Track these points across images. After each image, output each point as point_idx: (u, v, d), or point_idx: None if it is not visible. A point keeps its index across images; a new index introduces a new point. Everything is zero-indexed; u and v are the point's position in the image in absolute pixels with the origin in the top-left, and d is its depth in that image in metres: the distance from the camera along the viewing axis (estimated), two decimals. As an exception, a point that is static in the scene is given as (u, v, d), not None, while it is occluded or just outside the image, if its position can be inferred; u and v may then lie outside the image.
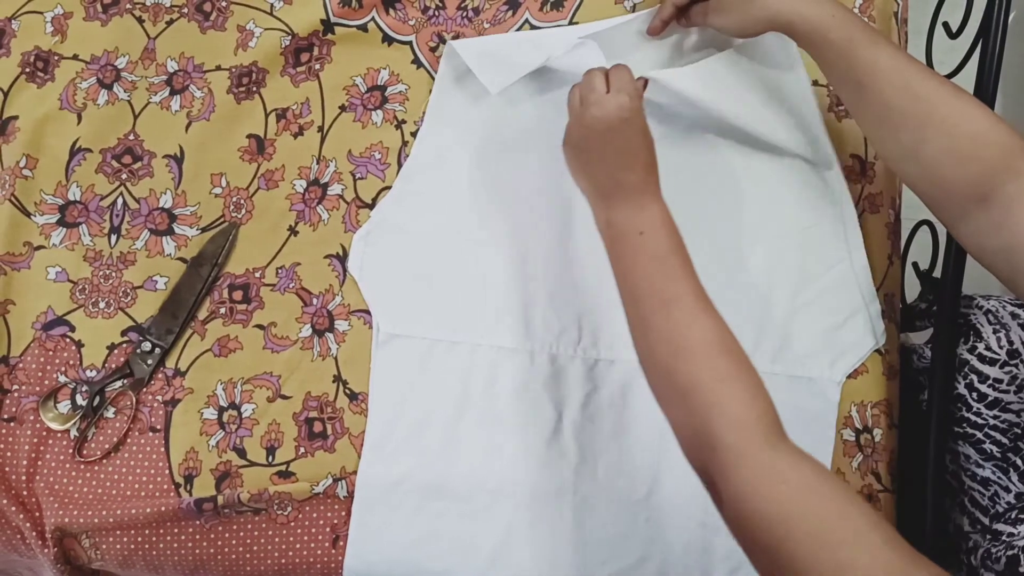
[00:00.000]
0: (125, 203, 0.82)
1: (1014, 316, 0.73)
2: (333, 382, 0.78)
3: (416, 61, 0.84)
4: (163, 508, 0.73)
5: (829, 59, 0.67)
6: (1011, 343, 0.71)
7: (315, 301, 0.79)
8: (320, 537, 0.75)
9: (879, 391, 0.78)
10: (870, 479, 0.76)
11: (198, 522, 0.74)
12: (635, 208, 0.64)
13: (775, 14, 0.68)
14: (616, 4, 0.84)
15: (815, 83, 0.81)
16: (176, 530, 0.74)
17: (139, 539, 0.74)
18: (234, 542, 0.74)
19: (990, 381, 0.71)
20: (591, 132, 0.66)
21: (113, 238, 0.81)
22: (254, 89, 0.84)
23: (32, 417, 0.77)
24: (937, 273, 0.82)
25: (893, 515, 0.76)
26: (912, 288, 0.86)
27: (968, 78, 0.77)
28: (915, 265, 0.88)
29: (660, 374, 0.59)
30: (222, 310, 0.79)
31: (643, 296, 0.61)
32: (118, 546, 0.74)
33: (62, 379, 0.78)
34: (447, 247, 0.79)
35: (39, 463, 0.76)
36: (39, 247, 0.80)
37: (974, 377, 0.72)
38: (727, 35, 0.76)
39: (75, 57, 0.84)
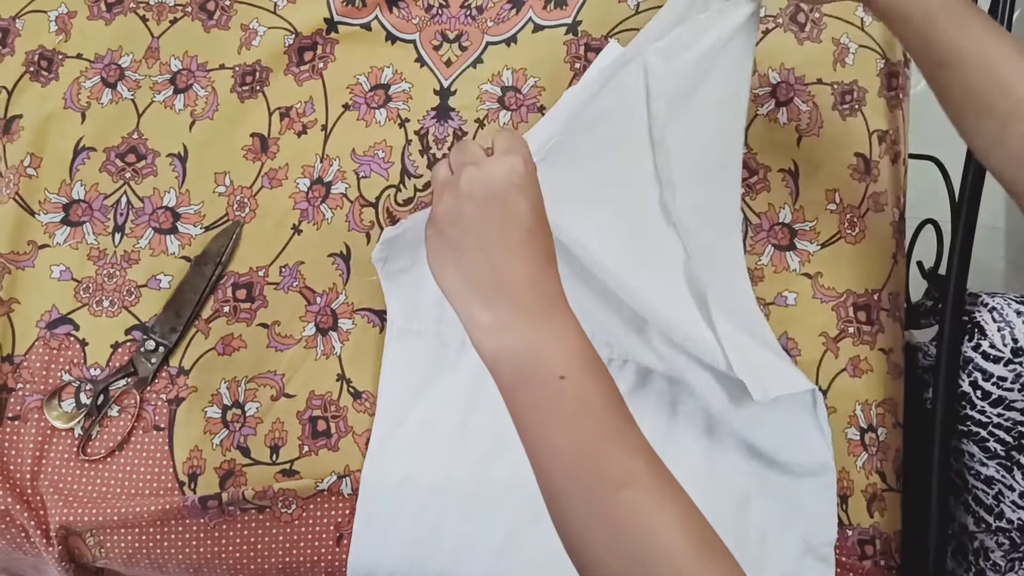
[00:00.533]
0: (129, 202, 0.82)
1: (1019, 313, 0.73)
2: (337, 380, 0.78)
3: (419, 60, 0.84)
4: (167, 506, 0.73)
5: (905, 36, 0.61)
6: (1016, 340, 0.71)
7: (319, 300, 0.79)
8: (324, 535, 0.75)
9: (884, 390, 0.78)
10: (875, 478, 0.76)
11: (202, 520, 0.74)
12: (537, 325, 0.47)
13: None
14: (619, 3, 0.83)
15: (819, 81, 0.81)
16: (180, 528, 0.74)
17: (143, 537, 0.74)
18: (238, 540, 0.74)
19: (994, 379, 0.71)
20: (466, 203, 0.49)
21: (117, 237, 0.81)
22: (258, 88, 0.84)
23: (36, 415, 0.77)
24: (942, 271, 0.82)
25: (899, 514, 0.76)
26: (916, 288, 0.86)
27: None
28: (920, 264, 0.88)
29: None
30: (226, 309, 0.79)
31: (579, 477, 0.44)
32: (122, 544, 0.74)
33: (66, 377, 0.78)
34: None
35: (43, 461, 0.76)
36: (43, 246, 0.81)
37: (978, 375, 0.72)
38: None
39: (79, 56, 0.84)
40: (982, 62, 0.56)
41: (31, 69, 0.84)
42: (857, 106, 0.83)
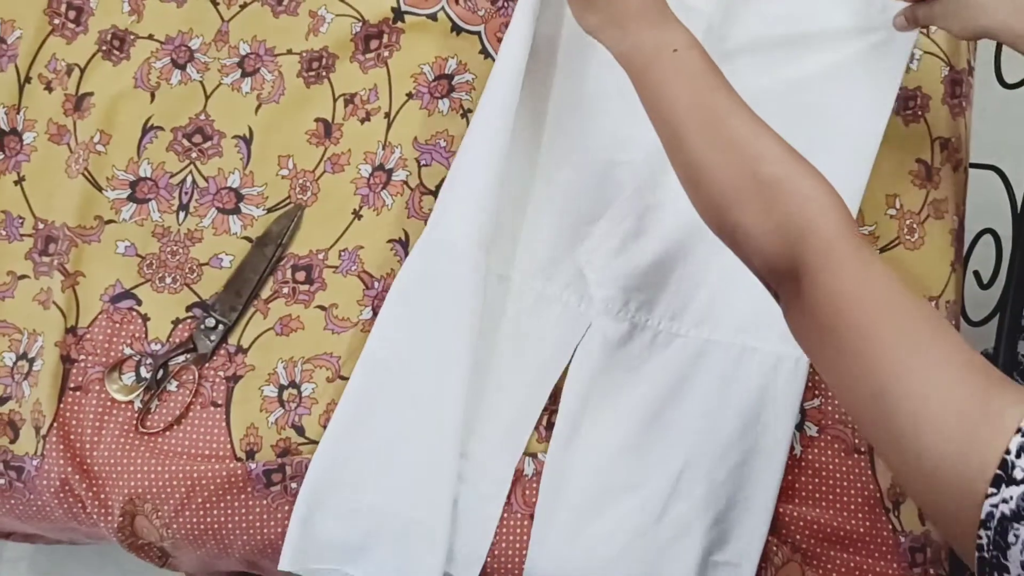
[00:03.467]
0: (194, 181, 0.83)
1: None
2: (392, 365, 0.78)
3: (484, 51, 0.84)
4: (231, 475, 0.74)
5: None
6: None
7: (376, 284, 0.80)
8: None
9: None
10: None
11: (265, 501, 0.75)
12: (659, 29, 0.61)
13: (986, 27, 0.69)
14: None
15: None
16: (244, 510, 0.75)
17: (208, 519, 0.75)
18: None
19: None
20: None
21: (181, 215, 0.82)
22: (323, 74, 0.85)
23: (97, 387, 0.78)
24: (1000, 282, 0.81)
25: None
26: (970, 297, 0.86)
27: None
28: (976, 274, 0.88)
29: (731, 178, 0.55)
30: (285, 290, 0.80)
31: (692, 110, 0.57)
32: (188, 525, 0.75)
33: (127, 351, 0.79)
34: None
35: (103, 432, 0.77)
36: (109, 221, 0.82)
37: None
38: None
39: (150, 37, 0.86)
40: None
41: (103, 48, 0.86)
42: (920, 112, 0.83)
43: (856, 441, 0.76)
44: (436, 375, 0.73)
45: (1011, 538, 0.39)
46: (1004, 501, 0.39)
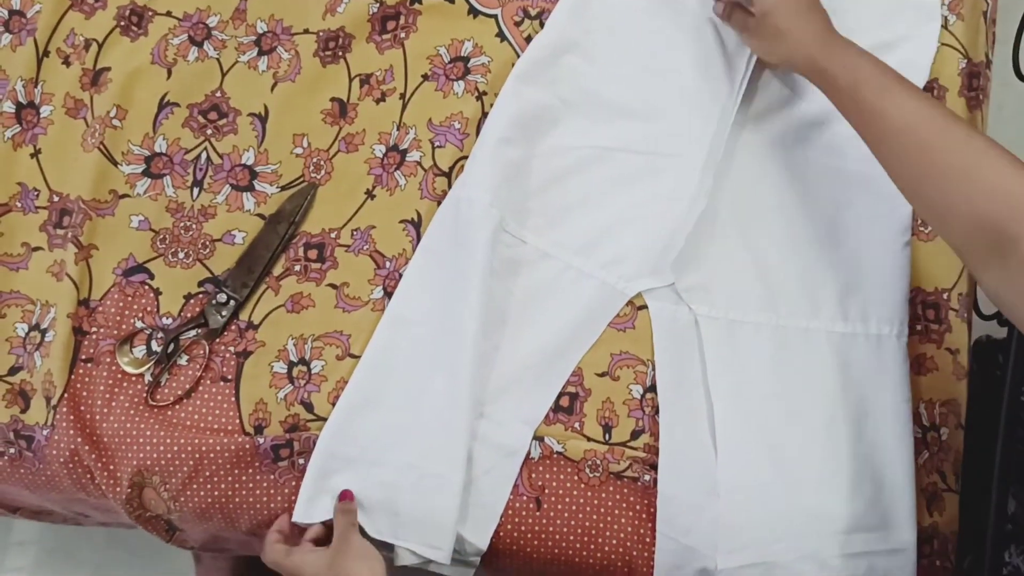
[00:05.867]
0: (209, 158, 0.83)
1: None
2: (402, 344, 0.78)
3: (500, 34, 0.84)
4: (236, 448, 0.74)
5: (839, 104, 0.70)
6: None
7: (388, 264, 0.80)
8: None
9: (948, 390, 0.77)
10: (935, 477, 0.76)
11: (272, 476, 0.75)
12: (855, 51, 0.69)
13: (789, 58, 0.74)
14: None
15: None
16: (251, 484, 0.75)
17: (216, 492, 0.75)
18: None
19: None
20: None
21: (195, 191, 0.83)
22: (340, 54, 0.85)
23: (108, 359, 0.78)
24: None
25: (956, 515, 0.75)
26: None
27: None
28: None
29: (954, 166, 0.62)
30: (297, 267, 0.81)
31: (921, 121, 0.64)
32: (196, 499, 0.75)
33: (139, 324, 0.80)
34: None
35: (113, 404, 0.78)
36: (124, 195, 0.83)
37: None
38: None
39: (168, 14, 0.86)
40: (904, 126, 0.65)
41: (122, 23, 0.86)
42: (936, 104, 0.83)
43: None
44: (453, 331, 0.74)
45: None
46: None
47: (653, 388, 0.77)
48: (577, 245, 0.79)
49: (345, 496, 0.71)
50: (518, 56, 0.83)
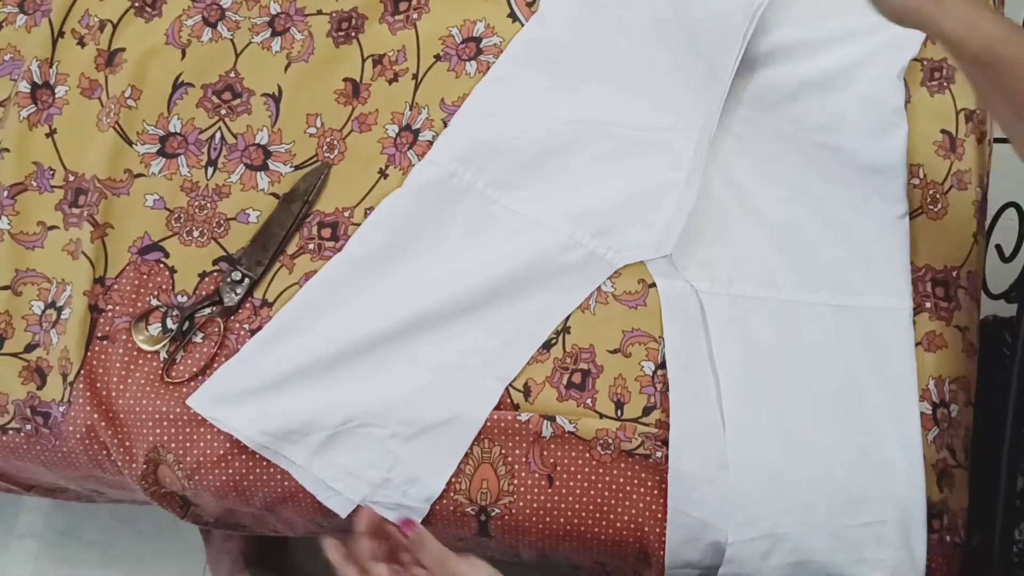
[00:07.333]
0: (223, 138, 0.84)
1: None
2: (415, 322, 0.79)
3: (512, 15, 0.85)
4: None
5: (968, 72, 0.67)
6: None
7: (401, 243, 0.81)
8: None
9: (958, 367, 0.78)
10: (945, 453, 0.76)
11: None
12: (999, 22, 0.64)
13: (910, 11, 0.66)
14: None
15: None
16: (264, 462, 0.76)
17: (230, 471, 0.76)
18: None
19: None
20: None
21: (210, 170, 0.83)
22: (353, 34, 0.86)
23: (124, 337, 0.79)
24: (1022, 256, 0.81)
25: (966, 491, 0.76)
26: (992, 271, 0.86)
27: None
28: (998, 247, 0.87)
29: None
30: (310, 246, 0.81)
31: None
32: (210, 477, 0.76)
33: (154, 302, 0.80)
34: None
35: (129, 381, 0.78)
36: (139, 175, 0.83)
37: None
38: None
39: (182, -5, 0.87)
40: None
41: (136, 4, 0.87)
42: (946, 84, 0.83)
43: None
44: (407, 276, 0.78)
45: None
46: None
47: (664, 365, 0.77)
48: (570, 214, 0.80)
49: (406, 525, 0.65)
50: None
